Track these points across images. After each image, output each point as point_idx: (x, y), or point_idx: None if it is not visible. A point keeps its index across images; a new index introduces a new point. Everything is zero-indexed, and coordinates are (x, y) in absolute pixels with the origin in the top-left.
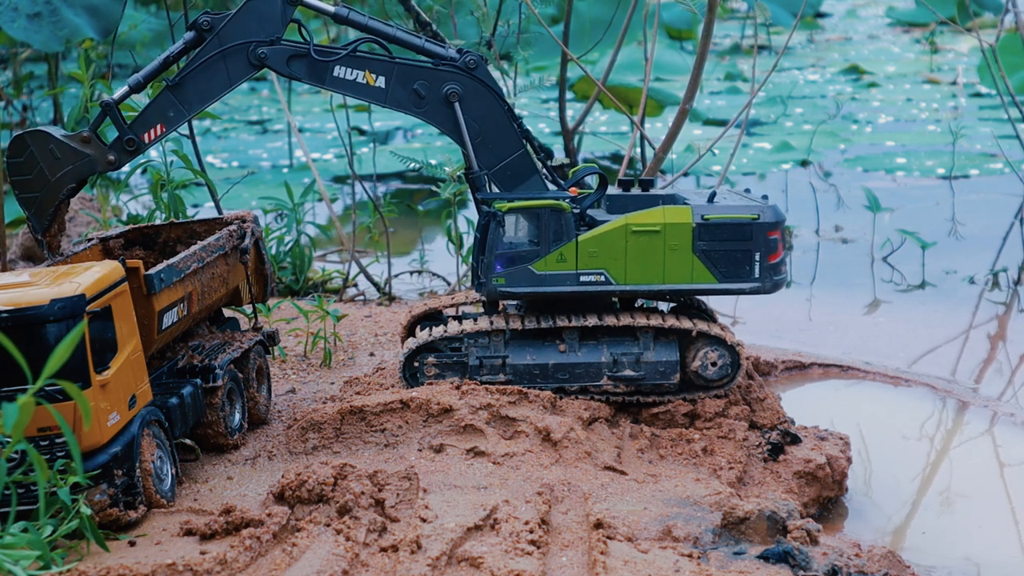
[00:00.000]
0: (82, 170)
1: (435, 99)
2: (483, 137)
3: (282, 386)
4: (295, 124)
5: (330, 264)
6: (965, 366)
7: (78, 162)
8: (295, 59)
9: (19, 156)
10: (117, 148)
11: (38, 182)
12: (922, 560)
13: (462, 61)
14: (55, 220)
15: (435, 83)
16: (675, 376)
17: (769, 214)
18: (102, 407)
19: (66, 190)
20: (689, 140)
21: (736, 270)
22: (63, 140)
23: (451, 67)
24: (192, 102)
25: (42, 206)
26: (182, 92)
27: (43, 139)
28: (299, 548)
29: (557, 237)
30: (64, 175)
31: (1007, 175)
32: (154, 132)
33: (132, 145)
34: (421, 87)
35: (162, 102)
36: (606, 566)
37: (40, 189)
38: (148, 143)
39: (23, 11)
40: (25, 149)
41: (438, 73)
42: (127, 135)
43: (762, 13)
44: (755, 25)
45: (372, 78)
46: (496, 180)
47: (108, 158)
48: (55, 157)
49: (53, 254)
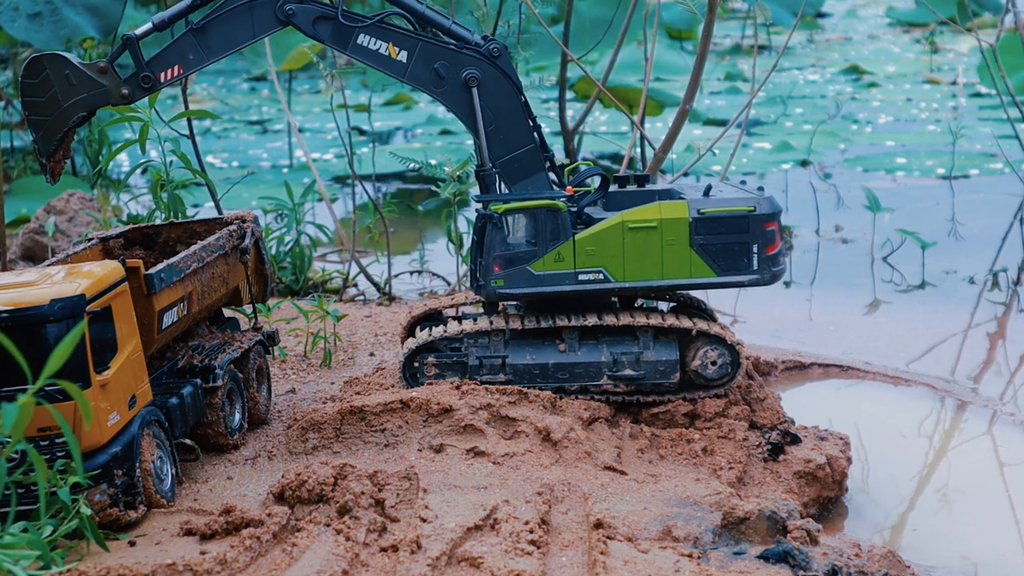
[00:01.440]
0: (95, 99)
1: (454, 81)
2: (496, 126)
3: (282, 386)
4: (295, 124)
5: (330, 264)
6: (965, 366)
7: (92, 91)
8: (321, 21)
9: (34, 78)
10: (132, 83)
11: (50, 106)
12: (922, 560)
13: (486, 48)
14: (60, 146)
15: (456, 66)
16: (675, 375)
17: (765, 205)
18: (102, 407)
19: (76, 118)
20: (689, 140)
21: (734, 263)
22: (80, 67)
23: (474, 52)
24: (213, 48)
25: (50, 131)
26: (205, 36)
27: (60, 63)
28: (299, 548)
29: (554, 237)
30: (76, 102)
31: (1007, 175)
32: (171, 72)
33: (148, 82)
34: (442, 67)
35: (183, 44)
36: (606, 566)
37: (51, 113)
38: (164, 82)
39: (23, 10)
40: (41, 71)
41: (460, 56)
42: (144, 72)
43: (762, 13)
44: (755, 25)
45: (395, 51)
46: (503, 172)
47: (122, 91)
48: (70, 83)
49: (54, 179)
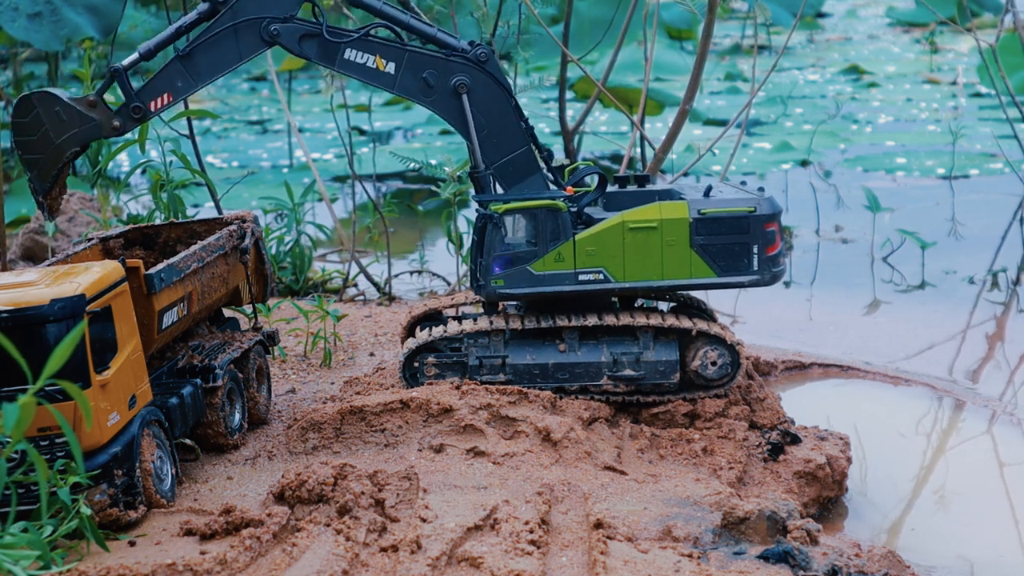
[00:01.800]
0: (87, 134)
1: (444, 89)
2: (489, 131)
3: (282, 386)
4: (295, 124)
5: (330, 264)
6: (964, 366)
7: (83, 126)
8: (307, 38)
9: (24, 117)
10: (123, 114)
11: (42, 144)
12: (922, 560)
13: (473, 54)
14: (57, 183)
15: (445, 73)
16: (675, 375)
17: (765, 206)
18: (102, 407)
19: (69, 153)
20: (689, 140)
21: (734, 263)
22: (69, 103)
23: (462, 59)
24: (201, 73)
25: (45, 168)
26: (192, 63)
27: (49, 101)
28: (299, 548)
29: (554, 237)
30: (68, 138)
31: (1007, 175)
32: (161, 101)
33: (138, 112)
34: (431, 76)
35: (171, 71)
36: (606, 566)
37: (44, 151)
38: (154, 111)
39: (24, 11)
40: (31, 110)
41: (448, 64)
42: (134, 102)
43: (762, 13)
44: (755, 25)
45: (382, 63)
46: (499, 176)
47: (113, 124)
48: (60, 119)
49: (52, 216)
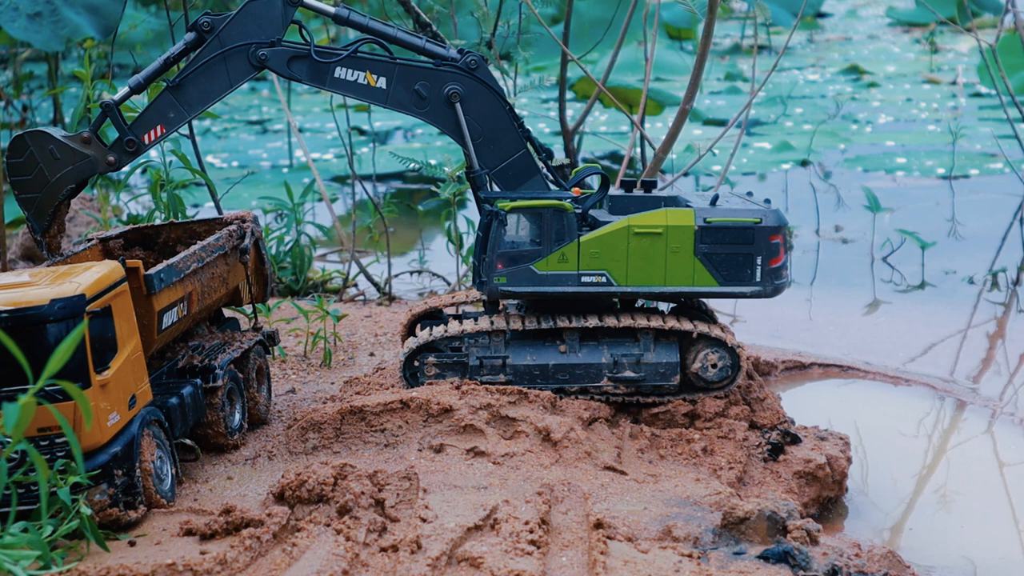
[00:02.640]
0: (82, 171)
1: (437, 100)
2: (485, 137)
3: (282, 386)
4: (295, 124)
5: (330, 264)
6: (964, 366)
7: (78, 163)
8: (296, 60)
9: (19, 156)
10: (117, 149)
11: (38, 183)
12: (922, 560)
13: (463, 61)
14: (55, 221)
15: (436, 84)
16: (675, 378)
17: (771, 218)
18: (102, 407)
19: (66, 191)
20: (689, 140)
21: (737, 274)
22: (63, 141)
23: (452, 67)
24: (193, 103)
25: (41, 207)
26: (183, 93)
27: (43, 139)
28: (299, 548)
29: (559, 237)
30: (64, 176)
31: (1007, 175)
32: (154, 133)
33: (132, 146)
34: (422, 88)
35: (162, 103)
36: (606, 566)
37: (40, 190)
38: (148, 144)
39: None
40: (25, 149)
41: (439, 74)
42: (127, 136)
43: (762, 13)
44: (755, 25)
45: (373, 79)
46: (498, 180)
47: (108, 159)
48: (55, 158)
49: (52, 254)
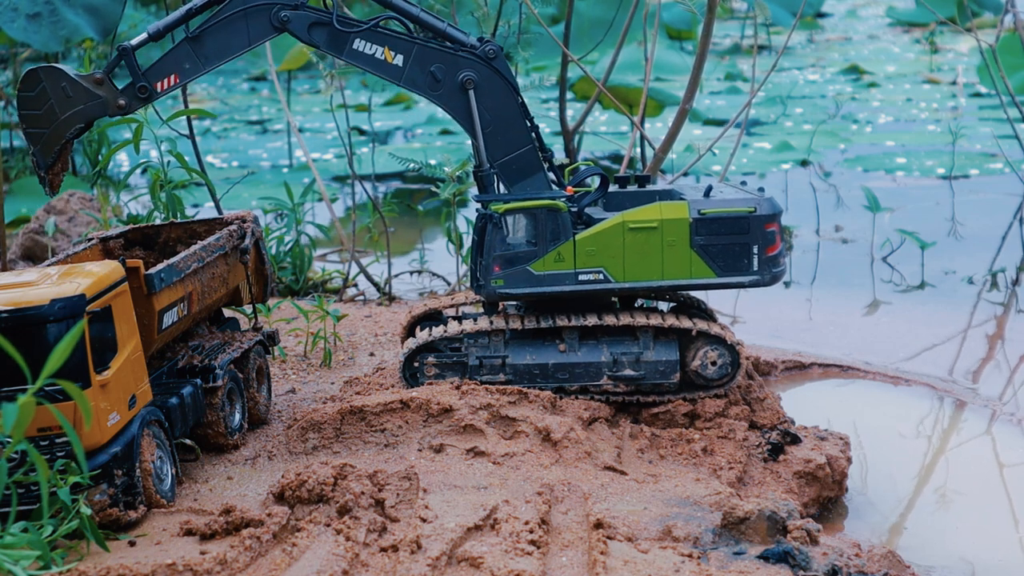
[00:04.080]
0: (92, 111)
1: (451, 84)
2: (494, 127)
3: (282, 386)
4: (295, 124)
5: (330, 264)
6: (964, 366)
7: (89, 103)
8: (317, 27)
9: (31, 90)
10: (129, 93)
11: (47, 118)
12: (922, 560)
13: (481, 50)
14: (59, 159)
15: (452, 68)
16: (675, 375)
17: (766, 206)
18: (102, 407)
19: (73, 130)
20: (689, 140)
21: (734, 264)
22: (76, 79)
23: (470, 55)
24: (209, 56)
25: (48, 143)
26: (200, 45)
27: (56, 76)
28: (299, 548)
29: (555, 237)
30: (74, 114)
31: (1007, 175)
32: (168, 81)
33: (144, 92)
34: (438, 70)
35: (179, 53)
36: (606, 566)
37: (48, 125)
38: (161, 92)
39: (23, 11)
40: (37, 84)
41: (456, 59)
42: (140, 82)
43: (762, 13)
44: (755, 25)
45: (391, 55)
46: (502, 173)
47: (119, 102)
48: (67, 95)
49: (53, 192)
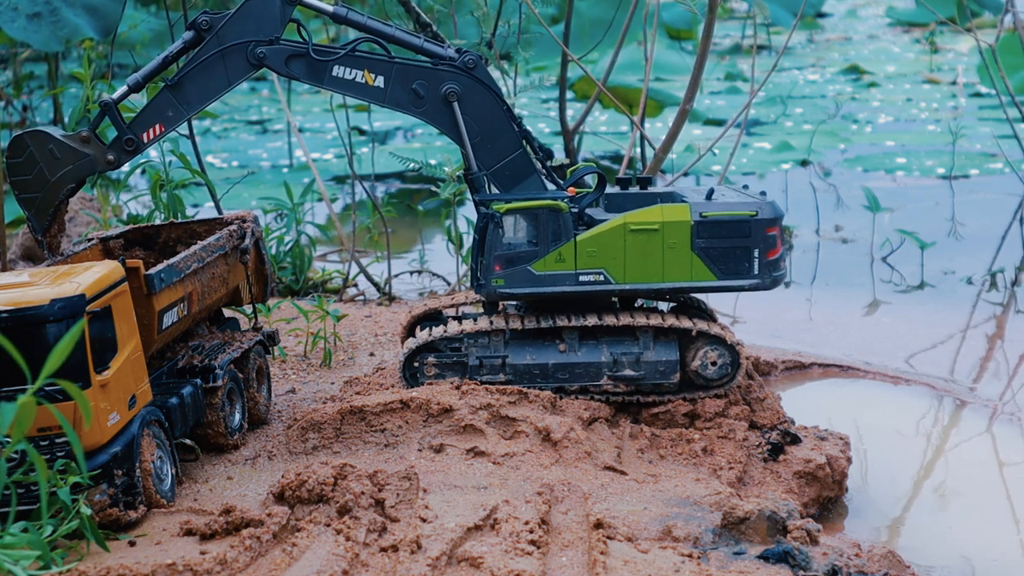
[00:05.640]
0: (81, 170)
1: (434, 99)
2: (482, 137)
3: (282, 386)
4: (295, 124)
5: (330, 264)
6: (964, 366)
7: (77, 162)
8: (294, 59)
9: (18, 156)
10: (116, 148)
11: (37, 182)
12: (922, 560)
13: (461, 61)
14: (55, 220)
15: (434, 83)
16: (675, 376)
17: (767, 210)
18: (102, 407)
19: (65, 190)
20: (689, 140)
21: (735, 267)
22: (62, 140)
23: (450, 67)
24: (191, 101)
25: (42, 206)
26: (181, 91)
27: (42, 139)
28: (299, 548)
29: (556, 237)
30: (64, 175)
31: (1007, 175)
32: (153, 132)
33: (131, 145)
34: (420, 87)
35: (161, 101)
36: (606, 566)
37: (40, 189)
38: (147, 143)
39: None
40: (24, 149)
41: (437, 73)
42: (126, 135)
43: (762, 13)
44: (755, 25)
45: (371, 78)
46: (495, 180)
47: (107, 158)
48: (54, 157)
49: (53, 254)
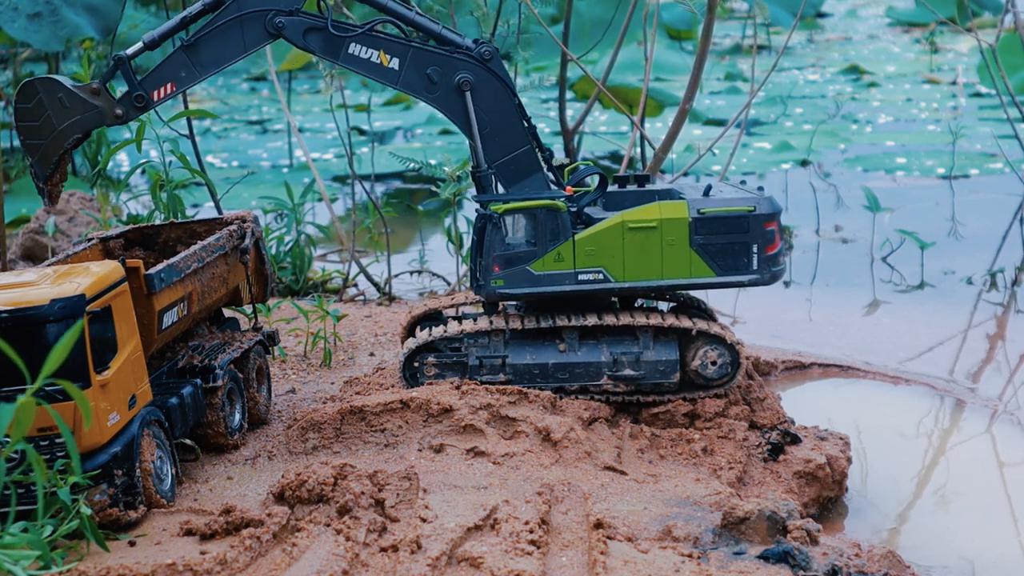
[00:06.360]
0: (89, 121)
1: (447, 86)
2: (491, 129)
3: (282, 386)
4: (295, 124)
5: (330, 264)
6: (964, 366)
7: (86, 113)
8: (312, 32)
9: (28, 102)
10: (126, 103)
11: (45, 129)
12: (922, 560)
13: (477, 51)
14: (57, 169)
15: (448, 70)
16: (675, 375)
17: (765, 205)
18: (102, 407)
19: (71, 140)
20: (689, 140)
21: (734, 263)
22: (73, 90)
23: (466, 56)
24: (205, 64)
25: (46, 154)
26: (196, 53)
27: (53, 87)
28: (299, 548)
29: (554, 237)
30: (71, 125)
31: (1007, 175)
32: (164, 90)
33: (141, 101)
34: (434, 73)
35: (175, 61)
36: (606, 566)
37: (46, 136)
38: (157, 101)
39: (23, 11)
40: (35, 95)
41: (452, 61)
42: (137, 91)
43: (762, 13)
44: (755, 25)
45: (386, 59)
46: (500, 174)
47: (116, 112)
48: (63, 106)
49: (52, 203)
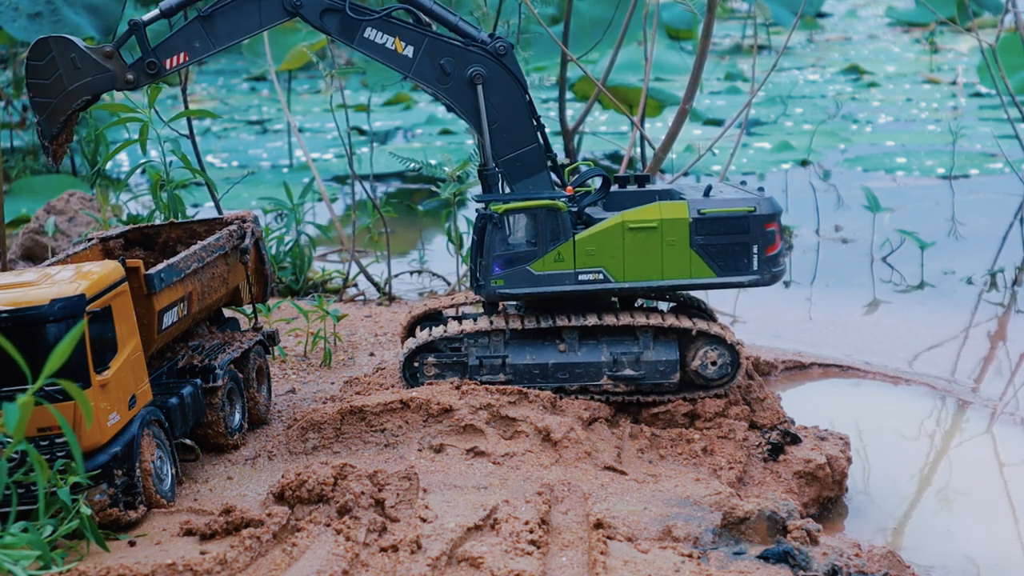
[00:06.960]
0: (100, 83)
1: (459, 78)
2: (500, 124)
3: (282, 386)
4: (295, 124)
5: (330, 264)
6: (964, 366)
7: (97, 75)
8: (329, 13)
9: (40, 59)
10: (138, 69)
11: (54, 88)
12: (922, 560)
13: (492, 46)
14: (64, 129)
15: (462, 62)
16: (675, 375)
17: (765, 206)
18: (102, 407)
19: (80, 101)
20: (689, 140)
21: (734, 263)
22: (85, 51)
23: (481, 49)
24: (220, 36)
25: (54, 113)
26: (212, 25)
27: (66, 46)
28: (299, 548)
29: (554, 237)
30: (81, 86)
31: (1007, 175)
32: (177, 59)
33: (153, 68)
34: (448, 64)
35: (190, 31)
36: (606, 566)
37: (55, 95)
38: (169, 69)
39: (23, 10)
40: (47, 53)
41: (467, 53)
42: (150, 58)
43: (762, 13)
44: (755, 25)
45: (401, 46)
46: (505, 171)
47: (127, 76)
48: (75, 66)
49: (56, 163)
